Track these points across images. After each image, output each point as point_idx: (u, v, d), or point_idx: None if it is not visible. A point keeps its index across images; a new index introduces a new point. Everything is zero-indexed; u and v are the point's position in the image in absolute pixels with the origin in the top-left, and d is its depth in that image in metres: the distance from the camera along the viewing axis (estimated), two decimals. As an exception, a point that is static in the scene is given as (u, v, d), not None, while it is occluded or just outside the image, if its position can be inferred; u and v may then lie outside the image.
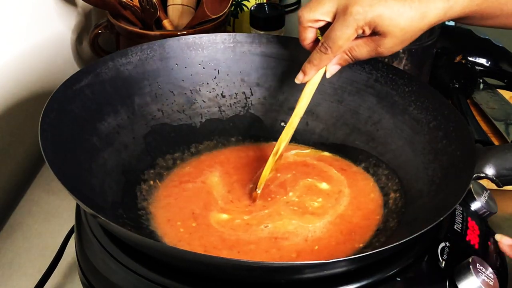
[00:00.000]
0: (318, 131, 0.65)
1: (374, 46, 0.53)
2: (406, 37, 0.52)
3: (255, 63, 0.67)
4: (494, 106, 0.84)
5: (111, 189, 0.54)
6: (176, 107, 0.64)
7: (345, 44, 0.54)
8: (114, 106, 0.59)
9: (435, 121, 0.57)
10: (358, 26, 0.52)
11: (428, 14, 0.51)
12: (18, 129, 0.76)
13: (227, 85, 0.67)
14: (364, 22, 0.51)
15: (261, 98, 0.67)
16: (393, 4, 0.51)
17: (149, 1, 0.80)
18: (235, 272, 0.44)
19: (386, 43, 0.53)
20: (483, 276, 0.47)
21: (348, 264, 0.43)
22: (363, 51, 0.54)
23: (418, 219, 0.50)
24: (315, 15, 0.55)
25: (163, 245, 0.48)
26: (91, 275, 0.49)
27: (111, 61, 0.60)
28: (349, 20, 0.52)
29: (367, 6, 0.51)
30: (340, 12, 0.53)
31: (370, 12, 0.51)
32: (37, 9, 0.81)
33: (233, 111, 0.67)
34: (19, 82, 0.76)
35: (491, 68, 0.92)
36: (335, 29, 0.53)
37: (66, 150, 0.51)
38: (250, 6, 0.94)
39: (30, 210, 0.71)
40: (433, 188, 0.53)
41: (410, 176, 0.57)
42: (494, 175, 0.50)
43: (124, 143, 0.59)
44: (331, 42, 0.54)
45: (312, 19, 0.55)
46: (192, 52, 0.65)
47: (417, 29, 0.52)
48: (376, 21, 0.51)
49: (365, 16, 0.51)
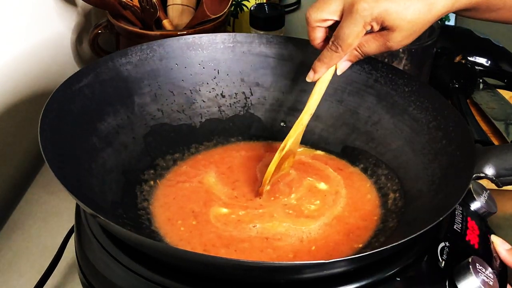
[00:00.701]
0: (317, 131, 0.65)
1: (383, 41, 0.53)
2: (415, 29, 0.52)
3: (254, 63, 0.67)
4: (494, 106, 0.84)
5: (111, 189, 0.54)
6: (176, 107, 0.64)
7: (355, 42, 0.54)
8: (114, 106, 0.59)
9: (435, 121, 0.57)
10: (366, 22, 0.52)
11: (435, 5, 0.51)
12: (18, 129, 0.76)
13: (227, 85, 0.67)
14: (371, 18, 0.51)
15: (261, 98, 0.67)
16: None
17: (149, 1, 0.80)
18: (234, 272, 0.44)
19: (395, 37, 0.53)
20: (483, 276, 0.47)
21: (347, 264, 0.43)
22: (372, 46, 0.54)
23: (418, 219, 0.50)
24: (322, 14, 0.55)
25: (163, 245, 0.48)
26: (91, 275, 0.49)
27: (111, 61, 0.60)
28: (356, 18, 0.52)
29: (373, 2, 0.51)
30: (347, 10, 0.53)
31: (377, 8, 0.51)
32: (37, 9, 0.81)
33: (233, 111, 0.67)
34: (19, 81, 0.76)
35: (491, 68, 0.92)
36: (344, 27, 0.53)
37: (66, 150, 0.51)
38: (250, 6, 0.94)
39: (30, 210, 0.72)
40: (433, 188, 0.53)
41: (410, 176, 0.57)
42: (494, 175, 0.51)
43: (124, 143, 0.59)
44: (341, 41, 0.54)
45: (320, 19, 0.55)
46: (192, 52, 0.65)
47: (425, 21, 0.52)
48: (383, 16, 0.51)
49: (371, 12, 0.51)
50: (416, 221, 0.50)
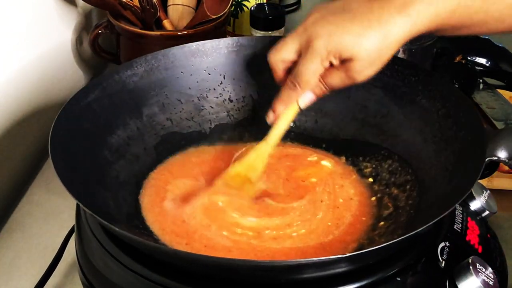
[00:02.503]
0: (328, 128, 0.65)
1: (346, 72, 0.53)
2: (374, 58, 0.51)
3: (259, 65, 0.67)
4: (494, 106, 0.84)
5: (125, 201, 0.55)
6: (185, 115, 0.65)
7: (312, 79, 0.54)
8: (123, 118, 0.60)
9: (443, 108, 0.57)
10: (323, 58, 0.52)
11: (390, 32, 0.50)
12: (18, 129, 0.76)
13: (234, 90, 0.67)
14: (327, 53, 0.51)
15: (269, 99, 0.67)
16: (352, 29, 0.50)
17: (149, 1, 0.80)
18: (234, 271, 0.44)
19: (355, 67, 0.52)
20: (483, 276, 0.47)
21: (348, 262, 0.43)
22: (336, 79, 0.54)
23: (434, 206, 0.50)
24: (280, 55, 0.55)
25: (177, 251, 0.48)
26: (91, 275, 0.49)
27: (117, 74, 0.61)
28: (312, 55, 0.52)
29: (327, 36, 0.51)
30: (303, 48, 0.53)
31: (332, 42, 0.51)
32: (37, 9, 0.81)
33: (242, 115, 0.67)
34: (18, 82, 0.76)
35: (491, 68, 0.92)
36: (300, 65, 0.53)
37: (78, 166, 0.52)
38: (250, 6, 0.94)
39: (30, 210, 0.72)
40: (447, 175, 0.52)
41: (423, 165, 0.57)
42: (507, 158, 0.50)
43: (135, 154, 0.60)
44: (298, 78, 0.54)
45: (279, 60, 0.55)
46: (197, 59, 0.66)
47: (383, 48, 0.51)
48: (339, 49, 0.51)
49: (326, 47, 0.51)
50: (432, 208, 0.50)
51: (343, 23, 0.51)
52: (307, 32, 0.52)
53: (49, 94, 0.81)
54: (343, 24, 0.51)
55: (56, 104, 0.80)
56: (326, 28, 0.51)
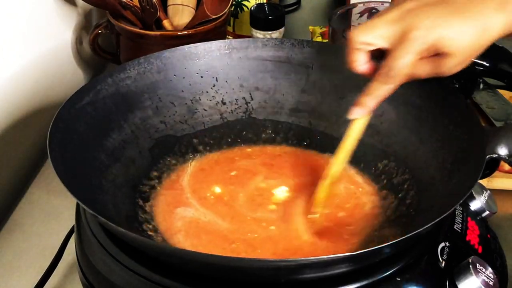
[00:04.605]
0: (321, 129, 0.66)
1: (435, 66, 0.49)
2: (469, 55, 0.49)
3: (252, 68, 0.67)
4: (494, 106, 0.84)
5: (124, 204, 0.55)
6: (178, 118, 0.65)
7: (407, 72, 0.49)
8: (118, 121, 0.60)
9: (438, 107, 0.57)
10: (420, 52, 0.48)
11: (491, 30, 0.48)
12: (17, 129, 0.76)
13: (227, 92, 0.67)
14: (426, 45, 0.48)
15: (261, 101, 0.67)
16: (454, 23, 0.47)
17: (149, 1, 0.80)
18: (234, 271, 0.44)
19: (447, 63, 0.49)
20: (483, 276, 0.47)
21: (348, 262, 0.43)
22: (424, 70, 0.50)
23: (435, 206, 0.50)
24: (368, 38, 0.50)
25: (177, 249, 0.49)
26: (91, 275, 0.49)
27: (110, 77, 0.61)
28: (410, 46, 0.48)
29: (428, 28, 0.47)
30: (399, 38, 0.49)
31: (431, 35, 0.47)
32: (37, 9, 0.81)
33: (235, 117, 0.67)
34: (18, 81, 0.76)
35: (491, 68, 0.92)
36: (397, 57, 0.49)
37: (77, 169, 0.52)
38: (250, 6, 0.94)
39: (30, 210, 0.72)
40: (446, 174, 0.52)
41: (419, 164, 0.57)
42: (507, 155, 0.49)
43: (131, 157, 0.60)
44: (395, 72, 0.49)
45: (364, 42, 0.50)
46: (189, 62, 0.65)
47: (479, 46, 0.48)
48: (438, 43, 0.47)
49: (426, 40, 0.47)
50: (432, 208, 0.50)
51: (443, 16, 0.47)
52: (404, 22, 0.48)
53: (49, 94, 0.81)
54: (444, 17, 0.47)
55: (56, 103, 0.79)
56: (426, 19, 0.47)
